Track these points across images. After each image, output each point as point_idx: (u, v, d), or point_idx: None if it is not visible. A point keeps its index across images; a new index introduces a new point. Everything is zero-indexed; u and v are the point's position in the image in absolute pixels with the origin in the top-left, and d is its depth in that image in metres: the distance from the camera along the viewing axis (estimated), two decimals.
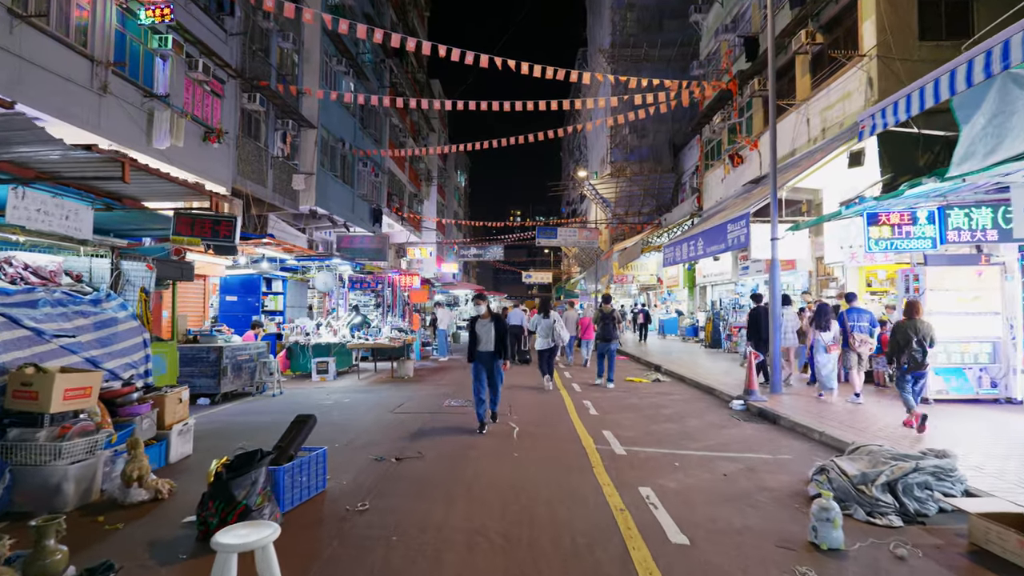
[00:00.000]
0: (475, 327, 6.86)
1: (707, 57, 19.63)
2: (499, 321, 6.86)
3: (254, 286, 11.65)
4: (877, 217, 7.76)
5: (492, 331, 6.77)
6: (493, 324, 6.78)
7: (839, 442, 5.99)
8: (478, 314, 6.96)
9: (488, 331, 6.79)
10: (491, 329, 6.78)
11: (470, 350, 6.92)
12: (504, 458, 5.52)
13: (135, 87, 11.33)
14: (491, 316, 6.87)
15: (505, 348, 6.86)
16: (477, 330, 6.83)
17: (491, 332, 6.77)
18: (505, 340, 6.86)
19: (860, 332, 8.57)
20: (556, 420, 7.47)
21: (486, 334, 6.79)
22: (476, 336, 6.83)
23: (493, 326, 6.78)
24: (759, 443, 6.22)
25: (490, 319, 6.84)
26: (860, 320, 8.65)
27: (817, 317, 9.01)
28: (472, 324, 6.93)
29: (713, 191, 19.05)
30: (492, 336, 6.77)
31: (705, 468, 5.20)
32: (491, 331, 6.78)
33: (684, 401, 9.20)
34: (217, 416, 7.68)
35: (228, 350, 8.51)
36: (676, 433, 6.71)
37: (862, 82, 10.57)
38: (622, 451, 5.74)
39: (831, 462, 4.42)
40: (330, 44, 19.41)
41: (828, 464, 4.41)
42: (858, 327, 8.62)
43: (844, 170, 10.61)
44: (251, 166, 15.64)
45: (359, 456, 5.56)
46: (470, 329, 6.93)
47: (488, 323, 6.81)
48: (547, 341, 10.60)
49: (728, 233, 10.80)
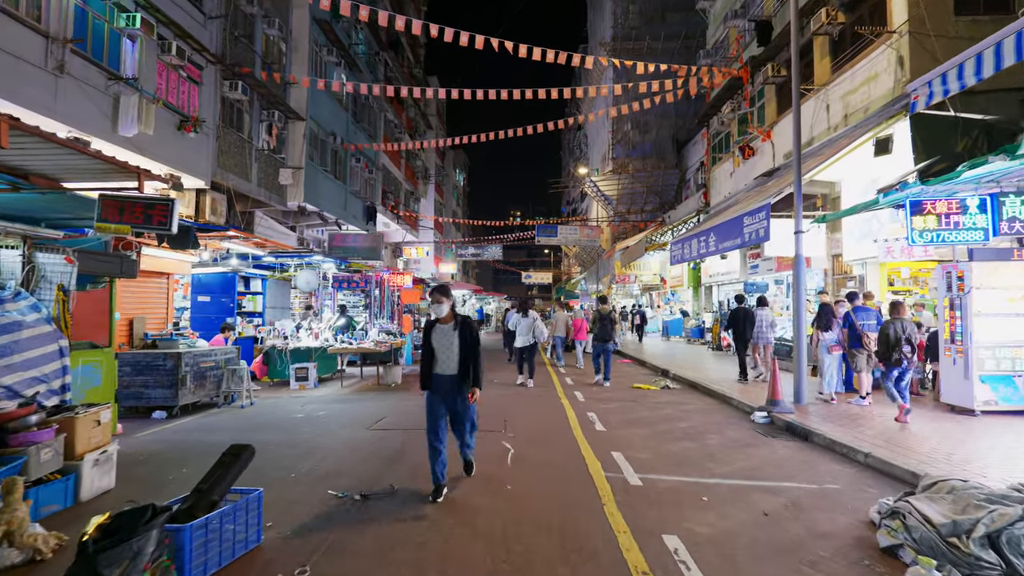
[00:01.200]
0: (431, 336, 4.64)
1: (714, 46, 18.72)
2: (467, 328, 4.64)
3: (229, 285, 10.73)
4: (922, 206, 6.85)
5: (455, 343, 4.58)
6: (458, 333, 4.59)
7: (890, 466, 5.09)
8: (437, 316, 4.66)
9: (450, 343, 4.58)
10: (454, 340, 4.58)
11: (422, 372, 4.69)
12: (495, 493, 4.60)
13: (98, 68, 10.37)
14: (455, 321, 4.65)
15: (475, 370, 4.60)
16: (434, 341, 4.62)
17: (454, 345, 4.58)
18: (476, 358, 4.61)
19: (872, 331, 8.04)
20: (557, 438, 6.54)
21: (446, 348, 4.58)
22: (432, 350, 4.63)
23: (458, 336, 4.58)
24: (796, 467, 5.30)
25: (454, 325, 4.62)
26: (868, 319, 8.14)
27: (818, 318, 8.66)
28: (427, 332, 4.69)
29: (721, 186, 18.14)
30: (455, 351, 4.57)
31: (740, 503, 4.28)
32: (454, 343, 4.58)
33: (699, 413, 8.28)
34: (167, 434, 6.74)
35: (188, 357, 7.59)
36: (696, 454, 5.78)
37: (891, 62, 9.66)
38: (636, 480, 4.82)
39: (905, 503, 3.50)
40: (320, 33, 18.48)
41: (902, 506, 3.49)
42: (867, 326, 8.09)
43: (865, 161, 9.75)
44: (233, 159, 14.69)
45: (318, 490, 4.63)
46: (424, 339, 4.70)
47: (450, 331, 4.60)
48: (527, 339, 11.19)
49: (744, 227, 9.89)
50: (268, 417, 7.75)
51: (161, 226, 5.09)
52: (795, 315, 8.27)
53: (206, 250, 9.46)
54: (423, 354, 4.73)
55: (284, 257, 11.78)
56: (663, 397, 9.72)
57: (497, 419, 7.48)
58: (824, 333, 8.58)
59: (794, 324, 8.29)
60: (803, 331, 8.25)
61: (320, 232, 21.12)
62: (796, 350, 8.25)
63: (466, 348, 4.59)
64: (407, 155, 31.24)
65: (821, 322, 8.67)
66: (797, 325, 8.22)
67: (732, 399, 8.92)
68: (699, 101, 22.74)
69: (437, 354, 4.62)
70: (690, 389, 10.74)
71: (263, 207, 16.27)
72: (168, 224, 5.10)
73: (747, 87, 14.83)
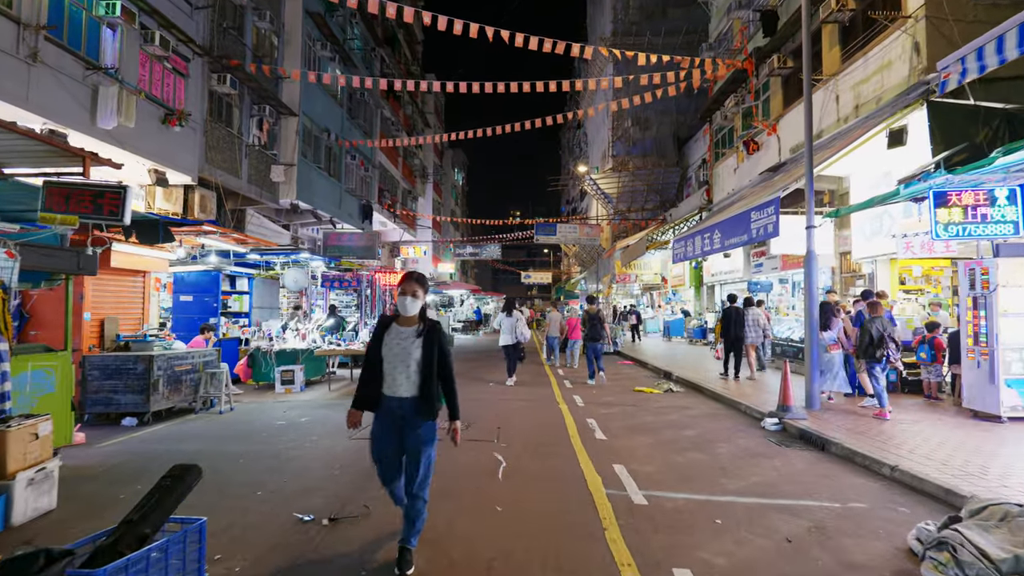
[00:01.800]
0: (382, 340, 3.34)
1: (717, 39, 18.26)
2: (435, 337, 3.34)
3: (212, 284, 10.25)
4: (946, 197, 6.38)
5: (416, 354, 3.27)
6: (422, 342, 3.29)
7: (920, 482, 4.62)
8: (401, 313, 3.37)
9: (408, 353, 3.27)
10: (414, 350, 3.27)
11: (359, 387, 3.44)
12: (484, 516, 4.08)
13: (75, 58, 9.91)
14: (422, 325, 3.36)
15: (450, 397, 3.40)
16: (385, 347, 3.31)
17: (413, 356, 3.27)
18: (449, 379, 3.38)
19: None
20: (554, 447, 6.06)
21: (402, 359, 3.27)
22: (379, 359, 3.33)
23: (421, 345, 3.28)
24: (815, 482, 4.83)
25: (418, 330, 3.33)
26: None
27: (821, 317, 8.25)
28: (378, 332, 3.40)
29: (724, 182, 17.68)
30: (415, 365, 3.26)
31: (757, 526, 3.81)
32: (413, 354, 3.27)
33: (706, 418, 7.81)
34: (134, 444, 6.24)
35: (161, 360, 7.11)
36: (706, 466, 5.31)
37: (905, 48, 9.19)
38: (641, 499, 4.34)
39: (955, 532, 3.02)
40: (314, 27, 18.01)
41: (950, 536, 3.02)
42: None
43: (876, 154, 9.29)
44: (222, 154, 14.22)
45: (282, 512, 4.09)
46: (371, 342, 3.41)
47: (412, 336, 3.30)
48: (510, 337, 11.35)
49: (752, 222, 9.42)
50: (246, 424, 7.27)
51: (112, 216, 4.63)
52: (807, 315, 7.80)
53: (181, 246, 8.98)
54: (365, 363, 3.42)
55: (270, 255, 11.30)
56: (666, 401, 9.25)
57: (490, 427, 7.01)
58: (822, 332, 8.28)
59: (806, 325, 7.82)
60: (815, 332, 7.78)
61: (315, 231, 20.67)
62: (808, 352, 7.78)
63: (431, 363, 3.24)
64: (405, 153, 30.78)
65: (820, 321, 8.38)
66: (809, 326, 7.75)
67: (740, 404, 8.45)
68: (700, 97, 22.29)
69: (387, 366, 3.24)
70: (694, 392, 10.28)
71: (254, 205, 15.80)
72: (119, 214, 4.64)
73: (752, 79, 14.38)
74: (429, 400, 3.29)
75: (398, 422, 3.33)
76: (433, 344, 3.32)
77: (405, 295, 3.35)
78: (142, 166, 11.59)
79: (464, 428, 6.97)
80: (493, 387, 11.03)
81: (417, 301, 3.36)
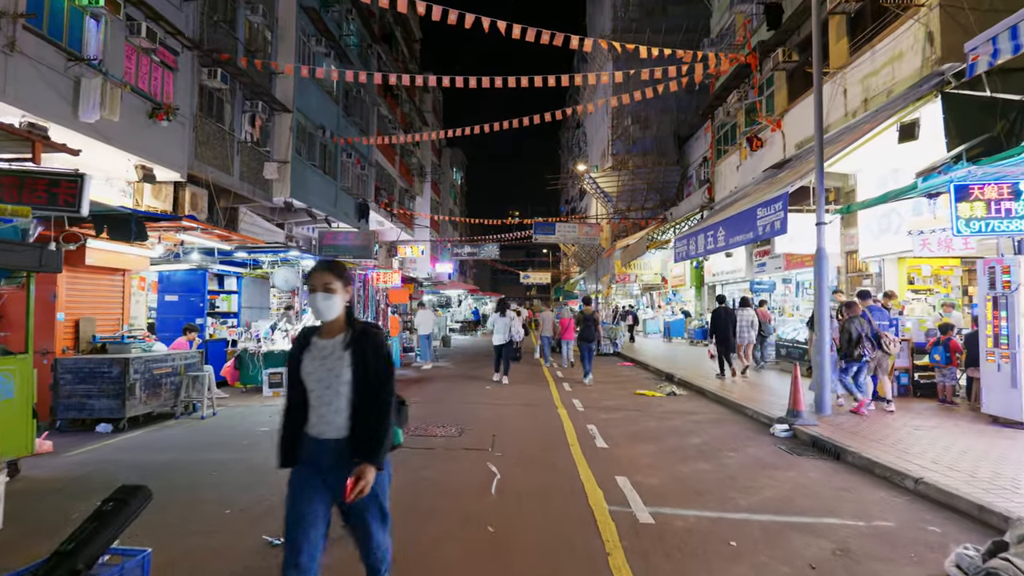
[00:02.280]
0: (300, 360, 2.40)
1: (719, 34, 17.93)
2: (367, 346, 2.37)
3: (198, 283, 9.88)
4: (968, 191, 6.03)
5: (345, 375, 2.33)
6: (350, 355, 2.35)
7: (949, 497, 4.27)
8: (318, 319, 2.42)
9: (332, 374, 2.34)
10: (342, 370, 2.33)
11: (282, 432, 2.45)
12: (474, 540, 3.65)
13: (56, 48, 9.56)
14: (350, 332, 2.39)
15: (377, 430, 2.30)
16: (305, 369, 2.38)
17: (341, 376, 2.33)
18: (384, 406, 2.33)
19: (886, 331, 7.54)
20: (553, 457, 5.68)
21: (325, 384, 2.34)
22: (299, 387, 2.40)
23: (349, 360, 2.34)
24: (834, 496, 4.47)
25: (345, 339, 2.37)
26: (882, 319, 7.58)
27: (813, 317, 8.24)
28: (295, 351, 2.44)
29: (727, 180, 17.34)
30: (344, 390, 2.33)
31: (777, 549, 3.45)
32: (342, 373, 2.33)
33: (712, 424, 7.45)
34: (106, 452, 5.85)
35: (138, 363, 6.73)
36: (714, 478, 4.95)
37: (918, 39, 8.85)
38: (647, 517, 3.97)
39: (1006, 563, 2.67)
40: (308, 23, 17.65)
41: (1002, 567, 2.67)
42: (882, 326, 7.53)
43: (885, 150, 8.97)
44: (213, 150, 13.86)
45: (249, 534, 3.69)
46: (288, 365, 2.49)
47: (336, 350, 2.36)
48: (503, 337, 11.52)
49: (758, 219, 9.07)
50: (228, 430, 6.90)
51: (68, 207, 4.27)
52: (817, 315, 7.44)
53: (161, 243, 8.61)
54: (286, 398, 2.47)
55: (258, 253, 10.93)
56: (669, 405, 8.89)
57: (485, 434, 6.64)
58: None
59: (816, 326, 7.46)
60: (826, 333, 7.43)
61: (310, 230, 20.30)
62: (818, 354, 7.43)
63: (365, 386, 2.31)
64: (402, 152, 30.41)
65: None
66: (819, 327, 7.40)
67: (746, 408, 8.10)
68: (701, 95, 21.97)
69: (311, 397, 2.34)
70: (697, 395, 9.93)
71: (247, 203, 15.44)
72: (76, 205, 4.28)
73: (755, 74, 14.04)
74: (371, 438, 2.27)
75: (328, 472, 2.31)
76: (365, 357, 2.32)
77: (316, 291, 2.34)
78: (128, 162, 11.23)
79: (456, 435, 6.60)
80: (490, 389, 10.69)
81: (334, 298, 2.34)
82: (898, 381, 8.73)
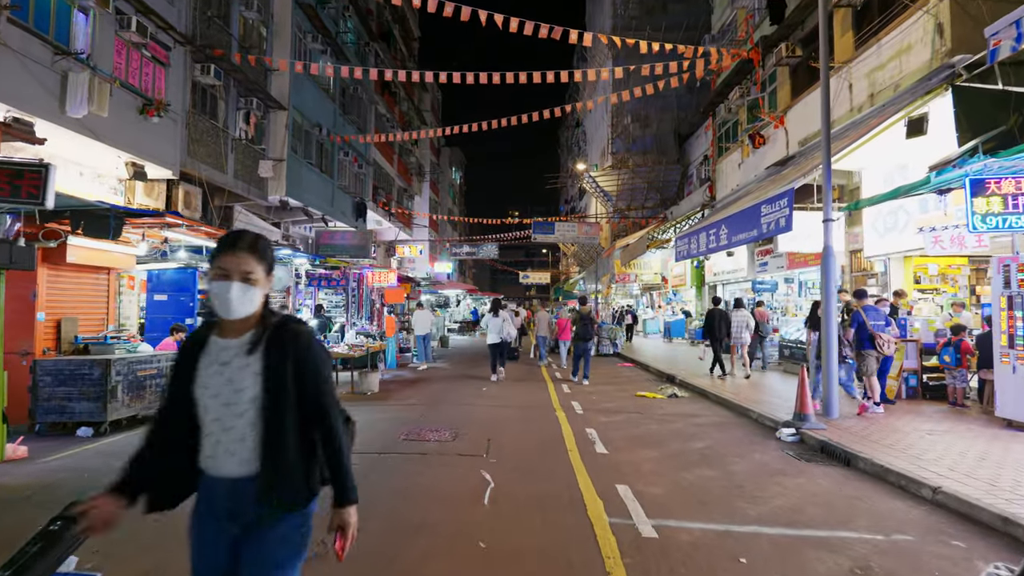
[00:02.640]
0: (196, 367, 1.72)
1: (720, 30, 17.69)
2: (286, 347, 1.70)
3: (188, 282, 9.63)
4: (984, 185, 5.79)
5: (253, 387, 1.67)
6: (260, 358, 1.69)
7: (971, 508, 4.03)
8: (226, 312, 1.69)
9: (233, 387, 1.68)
10: (247, 379, 1.67)
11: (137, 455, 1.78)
12: (463, 552, 3.41)
13: (42, 41, 9.31)
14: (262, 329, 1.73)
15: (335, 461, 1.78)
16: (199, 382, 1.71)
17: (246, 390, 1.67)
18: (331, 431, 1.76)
19: (882, 331, 7.41)
20: (550, 463, 5.42)
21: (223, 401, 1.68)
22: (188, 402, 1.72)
23: (260, 367, 1.68)
24: (848, 507, 4.23)
25: (252, 339, 1.71)
26: (878, 319, 7.47)
27: (810, 317, 8.26)
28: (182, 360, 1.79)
29: (728, 178, 17.11)
30: (251, 406, 1.67)
31: (791, 567, 3.21)
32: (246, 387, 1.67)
33: (715, 427, 7.21)
34: (85, 457, 5.58)
35: (120, 364, 6.48)
36: (720, 486, 4.70)
37: (927, 30, 8.61)
38: (650, 530, 3.72)
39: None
40: (304, 19, 17.39)
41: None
42: (877, 326, 7.41)
43: (891, 146, 8.77)
44: (206, 147, 13.61)
45: None
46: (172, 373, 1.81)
47: (239, 355, 1.70)
48: (496, 336, 11.70)
49: (762, 216, 8.83)
50: None
51: (31, 199, 4.04)
52: (825, 315, 7.20)
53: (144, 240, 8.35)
54: (157, 411, 1.84)
55: None
56: (671, 408, 8.64)
57: (480, 439, 6.39)
58: (815, 333, 8.20)
59: (824, 326, 7.21)
60: (833, 334, 7.19)
61: (307, 229, 20.05)
62: (824, 356, 7.19)
63: (283, 402, 1.69)
64: (400, 151, 30.15)
65: (813, 321, 8.38)
66: (827, 326, 7.15)
67: (751, 411, 7.86)
68: (702, 93, 21.73)
69: (205, 418, 1.72)
70: (699, 397, 9.69)
71: (242, 201, 15.19)
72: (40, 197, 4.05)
73: (758, 70, 13.80)
74: (286, 475, 1.68)
75: (229, 524, 1.73)
76: (284, 364, 1.67)
77: (229, 279, 1.65)
78: (119, 159, 11.00)
79: (450, 439, 6.36)
80: (487, 390, 10.45)
81: (253, 290, 1.68)
82: (906, 383, 8.51)
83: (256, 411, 1.69)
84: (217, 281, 1.69)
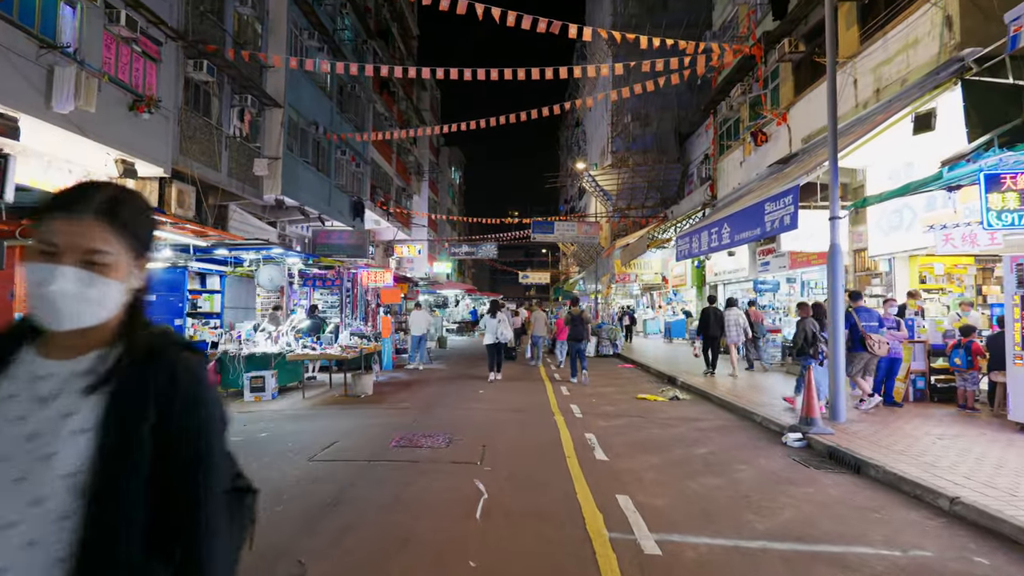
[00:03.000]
0: None
1: (722, 27, 17.47)
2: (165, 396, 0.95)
3: (178, 282, 9.40)
4: (1000, 180, 5.56)
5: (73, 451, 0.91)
6: (103, 408, 0.94)
7: (992, 520, 3.81)
8: (69, 324, 0.95)
9: (38, 445, 0.91)
10: (68, 442, 0.91)
11: None
12: (452, 573, 3.17)
13: (27, 35, 9.10)
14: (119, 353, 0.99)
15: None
16: None
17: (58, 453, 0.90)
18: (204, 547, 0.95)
19: (874, 332, 7.46)
20: (547, 472, 5.18)
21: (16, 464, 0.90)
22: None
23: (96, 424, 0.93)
24: (861, 518, 4.00)
25: (94, 369, 0.97)
26: (871, 320, 7.65)
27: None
28: None
29: (730, 177, 16.88)
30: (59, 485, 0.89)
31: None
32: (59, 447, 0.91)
33: (719, 432, 6.98)
34: None
35: None
36: (726, 496, 4.47)
37: (935, 23, 8.39)
38: (653, 546, 3.49)
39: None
40: (300, 16, 17.16)
41: None
42: (870, 327, 7.42)
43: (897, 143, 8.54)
44: (199, 145, 13.39)
45: None
46: None
47: (64, 392, 0.95)
48: (493, 337, 11.93)
49: (766, 214, 8.61)
50: None
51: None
52: (831, 316, 6.98)
53: None
54: None
55: (239, 250, 10.45)
56: (672, 411, 8.42)
57: (474, 445, 6.15)
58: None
59: (831, 327, 6.99)
60: (839, 335, 6.96)
61: (304, 228, 19.82)
62: (831, 358, 6.96)
63: (121, 487, 0.91)
64: (399, 150, 29.92)
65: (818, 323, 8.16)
66: (833, 328, 6.93)
67: (755, 414, 7.63)
68: (703, 91, 21.50)
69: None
70: (702, 400, 9.47)
71: (237, 200, 14.95)
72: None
73: (760, 66, 13.59)
74: None
75: None
76: (141, 419, 0.95)
77: (50, 258, 0.94)
78: (108, 155, 10.78)
79: (444, 446, 6.12)
80: (483, 392, 10.22)
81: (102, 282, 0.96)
82: (914, 385, 8.29)
83: (71, 498, 0.91)
84: (36, 263, 0.95)
